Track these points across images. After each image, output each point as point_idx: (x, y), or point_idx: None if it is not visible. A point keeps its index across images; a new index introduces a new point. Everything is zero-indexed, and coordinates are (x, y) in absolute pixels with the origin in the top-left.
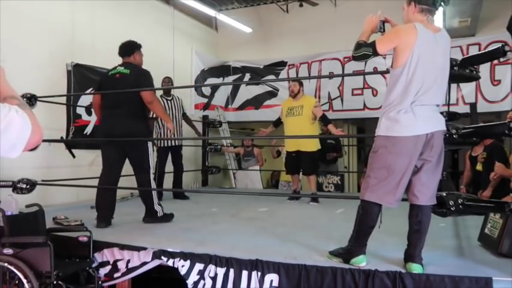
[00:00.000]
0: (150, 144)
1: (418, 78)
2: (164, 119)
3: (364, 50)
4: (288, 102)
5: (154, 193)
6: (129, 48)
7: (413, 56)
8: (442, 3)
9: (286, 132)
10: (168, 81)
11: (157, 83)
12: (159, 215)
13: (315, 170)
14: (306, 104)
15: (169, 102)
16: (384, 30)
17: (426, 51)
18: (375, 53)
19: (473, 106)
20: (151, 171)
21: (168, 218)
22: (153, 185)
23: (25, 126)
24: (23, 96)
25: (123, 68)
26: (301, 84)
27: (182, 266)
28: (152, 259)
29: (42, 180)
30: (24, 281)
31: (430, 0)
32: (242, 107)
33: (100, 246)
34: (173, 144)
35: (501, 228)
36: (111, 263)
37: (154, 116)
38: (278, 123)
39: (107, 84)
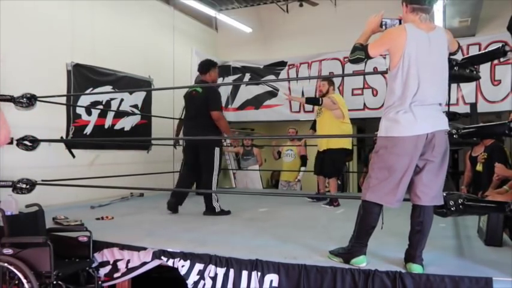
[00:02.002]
0: (217, 150)
1: (413, 78)
2: (227, 133)
3: (358, 54)
4: None
5: (214, 185)
6: (206, 67)
7: (405, 57)
8: (431, 2)
9: (317, 133)
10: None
11: (159, 83)
12: (216, 210)
13: (335, 172)
14: None
15: None
16: None
17: (419, 51)
18: (368, 57)
19: (473, 106)
20: (215, 172)
21: (225, 213)
22: (214, 185)
23: None
24: (22, 96)
25: (199, 88)
26: (330, 84)
27: (182, 266)
28: (152, 259)
29: (42, 180)
30: (24, 281)
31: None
32: (242, 107)
33: (100, 246)
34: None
35: (487, 222)
36: (111, 263)
37: (183, 117)
38: (314, 124)
39: (188, 100)
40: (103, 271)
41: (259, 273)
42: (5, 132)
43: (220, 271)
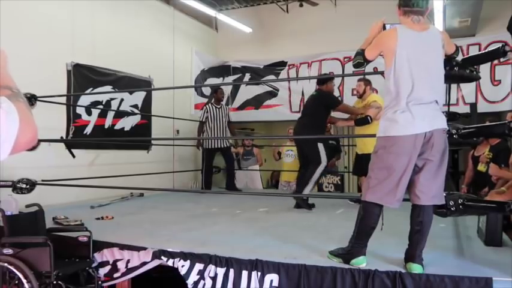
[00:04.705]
0: (321, 145)
1: (406, 78)
2: (354, 112)
3: (358, 59)
4: (356, 104)
5: (312, 182)
6: (324, 80)
7: (397, 57)
8: (419, 4)
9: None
10: (220, 92)
11: (159, 83)
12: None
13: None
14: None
15: (218, 109)
16: None
17: (411, 51)
18: (366, 60)
19: (473, 106)
20: (323, 164)
21: (310, 206)
22: (316, 175)
23: (10, 122)
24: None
25: (315, 92)
26: (367, 84)
27: (182, 266)
28: (152, 259)
29: (42, 180)
30: (24, 281)
31: (409, 2)
32: (242, 107)
33: (100, 246)
34: (221, 146)
35: (486, 222)
36: (111, 263)
37: (203, 120)
38: None
39: (305, 103)
40: (103, 271)
41: (259, 273)
42: (29, 133)
43: (220, 271)
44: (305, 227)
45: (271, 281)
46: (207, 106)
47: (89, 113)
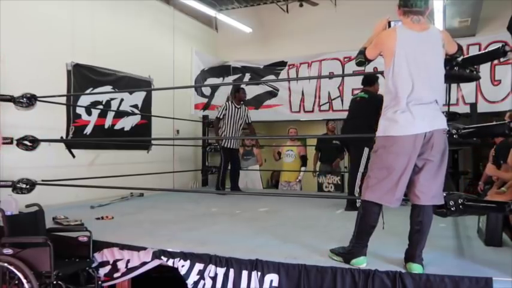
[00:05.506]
0: (367, 150)
1: (405, 78)
2: None
3: (359, 57)
4: None
5: (357, 187)
6: (371, 80)
7: (396, 57)
8: (418, 4)
9: None
10: (243, 92)
11: (159, 83)
12: (357, 205)
13: None
14: None
15: (237, 109)
16: None
17: (410, 51)
18: (367, 60)
19: (473, 106)
20: (360, 171)
21: (356, 208)
22: (358, 182)
23: None
24: (22, 96)
25: (363, 93)
26: None
27: (182, 266)
28: (152, 259)
29: (42, 180)
30: (24, 281)
31: (407, 2)
32: None
33: (100, 246)
34: (233, 146)
35: (486, 222)
36: (111, 263)
37: (220, 116)
38: None
39: (351, 104)
40: (103, 271)
41: (259, 273)
42: None
43: (220, 271)
44: (305, 227)
45: (271, 281)
46: (227, 103)
47: (89, 113)
